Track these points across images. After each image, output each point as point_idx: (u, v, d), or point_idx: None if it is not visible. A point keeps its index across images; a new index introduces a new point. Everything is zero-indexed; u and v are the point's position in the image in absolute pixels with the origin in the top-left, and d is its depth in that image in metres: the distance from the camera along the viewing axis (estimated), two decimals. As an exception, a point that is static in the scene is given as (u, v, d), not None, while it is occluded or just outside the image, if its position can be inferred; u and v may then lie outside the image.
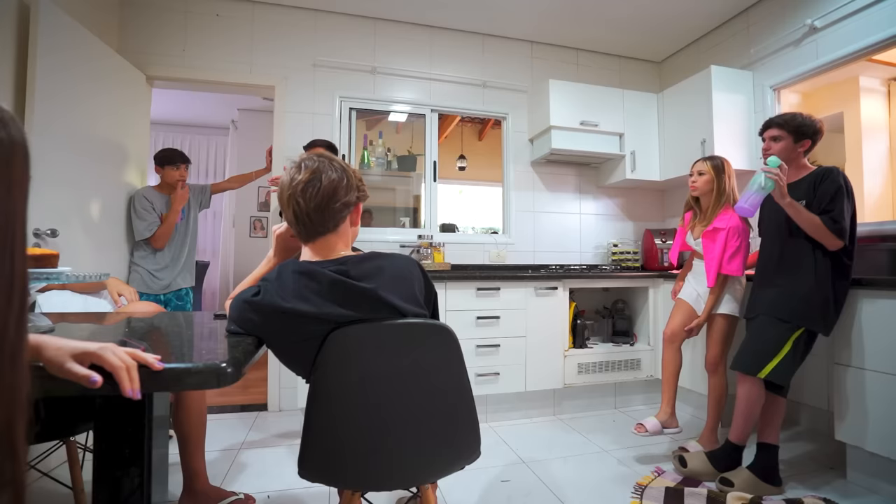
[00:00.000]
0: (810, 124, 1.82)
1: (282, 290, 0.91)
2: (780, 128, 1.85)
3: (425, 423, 0.98)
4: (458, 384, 1.02)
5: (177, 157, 2.55)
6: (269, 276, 0.96)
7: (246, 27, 2.90)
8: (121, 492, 0.81)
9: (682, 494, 1.76)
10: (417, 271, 1.07)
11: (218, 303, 5.01)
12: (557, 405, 2.74)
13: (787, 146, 1.84)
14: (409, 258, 1.09)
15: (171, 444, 1.60)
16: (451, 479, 1.55)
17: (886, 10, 2.20)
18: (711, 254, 2.09)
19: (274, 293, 0.91)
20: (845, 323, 1.83)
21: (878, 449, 1.73)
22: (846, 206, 1.72)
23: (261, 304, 0.91)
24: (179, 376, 0.70)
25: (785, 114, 1.89)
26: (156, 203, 2.51)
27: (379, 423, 0.94)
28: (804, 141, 1.83)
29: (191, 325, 1.21)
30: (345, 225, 1.04)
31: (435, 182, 3.22)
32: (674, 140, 3.12)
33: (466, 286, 2.54)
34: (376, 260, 1.01)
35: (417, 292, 1.04)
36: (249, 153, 4.80)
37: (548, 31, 3.30)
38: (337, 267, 0.95)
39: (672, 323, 2.25)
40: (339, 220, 1.02)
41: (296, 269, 0.94)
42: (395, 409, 0.95)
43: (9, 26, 1.86)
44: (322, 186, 0.98)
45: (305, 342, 0.92)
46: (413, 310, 0.99)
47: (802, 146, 1.84)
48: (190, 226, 2.67)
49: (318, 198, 0.97)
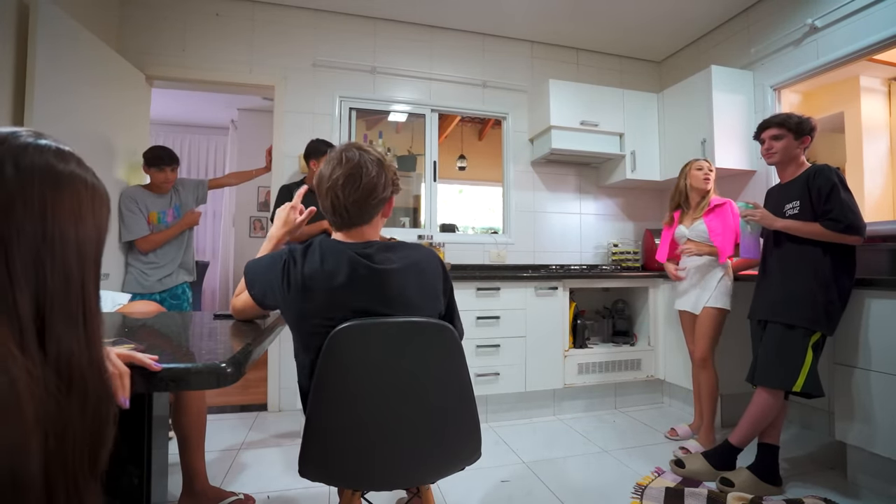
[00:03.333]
0: (807, 121, 1.83)
1: (310, 258, 0.96)
2: (781, 126, 1.86)
3: (426, 423, 0.98)
4: (459, 384, 1.02)
5: (163, 159, 2.41)
6: (296, 248, 1.00)
7: (246, 27, 2.90)
8: (120, 492, 0.81)
9: (682, 494, 1.75)
10: (437, 265, 1.10)
11: (218, 303, 5.00)
12: (557, 405, 2.74)
13: (790, 144, 1.85)
14: (431, 251, 1.11)
15: (171, 444, 1.60)
16: (452, 480, 1.55)
17: (887, 10, 2.20)
18: (719, 228, 2.15)
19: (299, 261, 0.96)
20: (846, 323, 1.82)
21: (877, 449, 1.72)
22: (846, 199, 1.70)
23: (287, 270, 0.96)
24: (179, 376, 0.70)
25: (780, 114, 1.91)
26: (143, 203, 2.40)
27: (379, 423, 0.94)
28: (804, 138, 1.83)
29: (191, 325, 1.21)
30: (378, 217, 1.07)
31: (435, 182, 3.22)
32: (674, 140, 3.12)
33: (466, 286, 2.53)
34: (400, 250, 1.04)
35: (436, 284, 1.07)
36: (249, 153, 4.80)
37: (548, 31, 3.30)
38: (362, 249, 0.99)
39: (691, 344, 2.31)
40: (374, 213, 1.05)
41: (324, 243, 0.99)
42: (395, 409, 0.95)
43: (8, 26, 1.86)
44: (362, 184, 1.00)
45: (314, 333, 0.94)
46: (426, 304, 1.02)
47: (803, 143, 1.84)
48: None
49: (358, 194, 1.00)
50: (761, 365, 1.83)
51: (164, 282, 2.44)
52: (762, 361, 1.83)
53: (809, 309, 1.73)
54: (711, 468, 1.88)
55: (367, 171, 1.00)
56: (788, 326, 1.76)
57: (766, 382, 1.79)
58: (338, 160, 1.01)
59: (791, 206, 1.83)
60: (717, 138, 2.74)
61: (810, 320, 1.73)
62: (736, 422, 1.91)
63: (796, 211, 1.81)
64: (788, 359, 1.75)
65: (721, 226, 2.17)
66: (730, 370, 2.31)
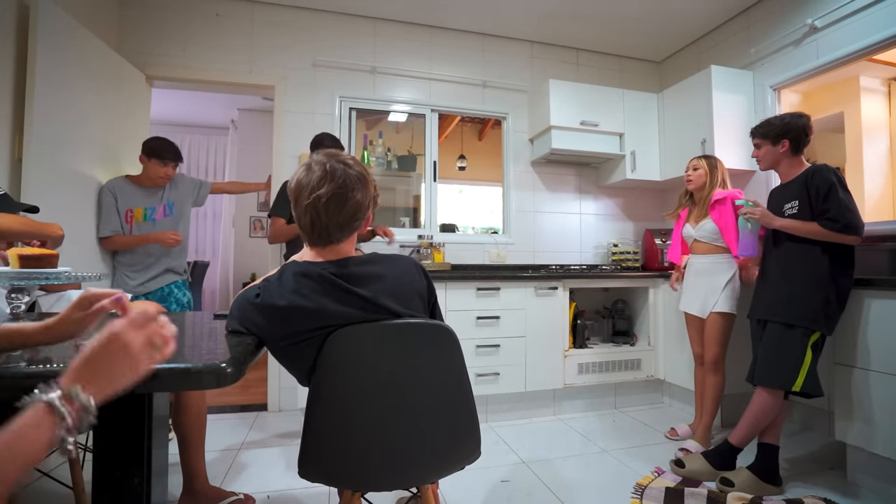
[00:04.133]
0: (785, 124, 1.84)
1: (281, 289, 0.91)
2: (757, 136, 1.93)
3: (425, 423, 0.98)
4: (459, 384, 1.02)
5: (168, 151, 2.23)
6: (272, 277, 0.96)
7: (246, 27, 2.90)
8: (121, 491, 0.81)
9: (682, 494, 1.76)
10: (418, 275, 1.07)
11: (218, 303, 5.00)
12: (557, 405, 2.74)
13: (769, 150, 1.89)
14: (411, 261, 1.09)
15: (171, 444, 1.60)
16: (452, 479, 1.55)
17: (887, 10, 2.20)
18: (728, 223, 2.14)
19: (274, 293, 0.91)
20: (845, 323, 1.82)
21: (877, 449, 1.72)
22: (844, 199, 1.70)
23: (261, 305, 0.92)
24: (179, 376, 0.70)
25: (762, 122, 1.95)
26: (125, 199, 2.22)
27: (379, 423, 0.94)
28: (783, 141, 1.84)
29: (191, 325, 1.21)
30: (355, 233, 1.03)
31: (435, 182, 3.22)
32: (674, 140, 3.12)
33: (466, 286, 2.53)
34: (377, 264, 1.00)
35: (418, 298, 1.04)
36: (249, 153, 4.81)
37: (548, 31, 3.30)
38: (337, 269, 0.95)
39: (696, 347, 2.31)
40: (354, 232, 1.02)
41: (297, 270, 0.94)
42: (395, 409, 0.95)
43: (8, 26, 1.86)
44: (347, 206, 0.96)
45: (304, 342, 0.92)
46: (411, 314, 0.99)
47: (782, 147, 1.85)
48: (181, 222, 2.39)
49: (341, 216, 0.96)
50: (761, 365, 1.83)
51: (146, 285, 2.27)
52: (762, 361, 1.83)
53: (809, 308, 1.73)
54: (711, 468, 1.88)
55: (353, 194, 0.96)
56: (788, 326, 1.76)
57: (765, 382, 1.79)
58: (321, 174, 0.94)
59: (790, 206, 1.83)
60: (717, 138, 2.74)
61: (810, 320, 1.73)
62: (736, 422, 1.91)
63: (795, 210, 1.81)
64: (788, 359, 1.75)
65: (725, 223, 2.16)
66: (730, 370, 2.31)
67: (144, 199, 2.28)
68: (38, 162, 1.90)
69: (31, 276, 1.01)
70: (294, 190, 0.98)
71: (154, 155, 2.22)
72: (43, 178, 1.93)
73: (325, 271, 0.93)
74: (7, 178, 1.85)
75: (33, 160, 1.88)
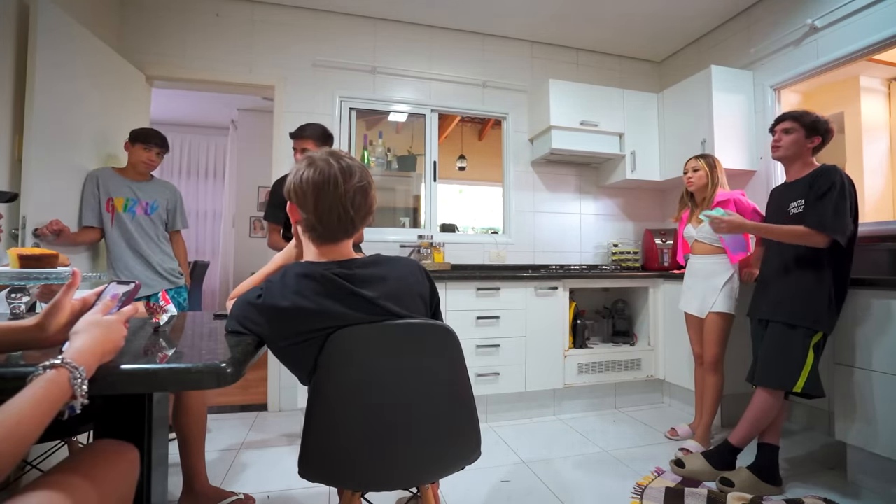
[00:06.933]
0: (823, 122, 1.83)
1: (283, 290, 0.91)
2: (795, 120, 1.86)
3: (425, 423, 0.97)
4: (459, 384, 1.02)
5: (152, 136, 2.18)
6: (274, 278, 0.96)
7: (246, 27, 2.90)
8: (121, 492, 0.81)
9: (682, 494, 1.75)
10: (422, 277, 1.07)
11: (218, 303, 5.00)
12: (557, 405, 2.74)
13: (798, 139, 1.85)
14: (414, 263, 1.09)
15: (171, 444, 1.60)
16: (452, 480, 1.55)
17: (886, 10, 2.20)
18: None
19: (276, 294, 0.91)
20: (846, 323, 1.82)
21: (877, 449, 1.72)
22: (838, 202, 1.69)
23: (263, 306, 0.91)
24: (179, 376, 0.70)
25: (798, 109, 1.90)
26: (105, 185, 2.15)
27: (379, 423, 0.94)
28: (815, 137, 1.83)
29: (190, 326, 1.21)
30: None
31: (435, 182, 3.22)
32: (674, 140, 3.12)
33: (466, 286, 2.53)
34: (381, 266, 1.00)
35: (420, 300, 1.04)
36: (249, 153, 4.80)
37: (548, 31, 3.30)
38: (340, 270, 0.95)
39: (696, 347, 2.30)
40: (367, 224, 1.04)
41: (299, 271, 0.94)
42: (395, 409, 0.95)
43: (8, 25, 1.86)
44: (369, 199, 0.98)
45: (305, 343, 0.92)
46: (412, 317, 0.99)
47: (812, 142, 1.84)
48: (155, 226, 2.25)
49: (364, 210, 0.98)
50: (762, 365, 1.83)
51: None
52: (763, 361, 1.83)
53: (811, 309, 1.73)
54: (711, 468, 1.88)
55: (371, 187, 0.99)
56: (790, 326, 1.76)
57: (766, 382, 1.79)
58: (340, 168, 0.95)
59: (795, 205, 1.82)
60: (717, 138, 2.74)
61: (812, 320, 1.72)
62: (736, 422, 1.91)
63: (800, 210, 1.80)
64: (789, 359, 1.74)
65: None
66: (730, 370, 2.31)
67: (128, 190, 2.20)
68: (38, 162, 1.90)
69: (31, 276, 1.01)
70: (314, 185, 0.94)
71: (138, 139, 2.17)
72: (43, 178, 1.93)
73: (329, 272, 0.93)
74: (7, 178, 1.85)
75: (33, 160, 1.88)
